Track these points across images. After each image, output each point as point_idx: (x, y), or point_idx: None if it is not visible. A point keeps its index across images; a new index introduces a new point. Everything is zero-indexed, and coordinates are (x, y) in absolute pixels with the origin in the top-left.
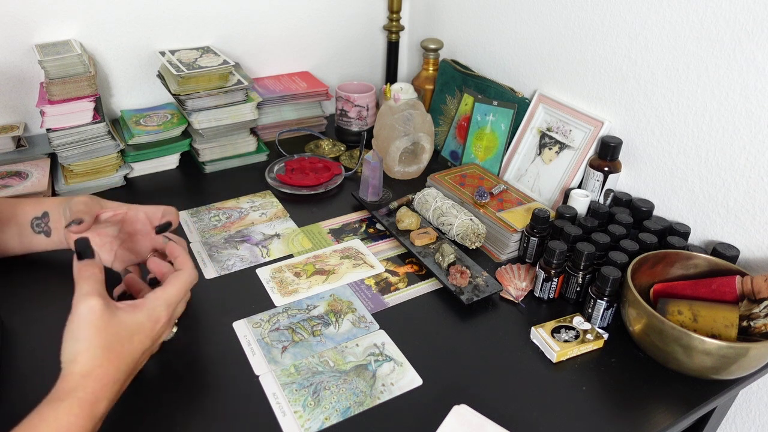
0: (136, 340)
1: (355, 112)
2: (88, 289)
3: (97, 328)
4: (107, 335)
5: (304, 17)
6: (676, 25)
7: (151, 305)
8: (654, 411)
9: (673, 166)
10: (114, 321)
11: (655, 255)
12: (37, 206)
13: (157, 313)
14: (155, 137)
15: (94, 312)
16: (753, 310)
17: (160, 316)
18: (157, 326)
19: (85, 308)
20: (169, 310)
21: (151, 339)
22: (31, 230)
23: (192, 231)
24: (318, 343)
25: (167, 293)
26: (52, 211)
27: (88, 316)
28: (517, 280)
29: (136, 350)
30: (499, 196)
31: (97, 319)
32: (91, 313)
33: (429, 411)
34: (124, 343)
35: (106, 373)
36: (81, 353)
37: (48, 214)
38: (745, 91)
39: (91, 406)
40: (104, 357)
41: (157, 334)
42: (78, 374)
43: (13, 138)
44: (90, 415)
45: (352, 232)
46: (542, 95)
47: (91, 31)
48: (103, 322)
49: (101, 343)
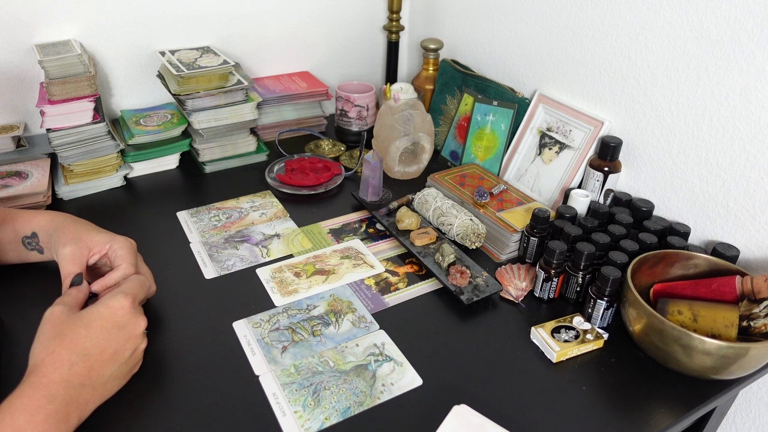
0: (95, 326)
1: (355, 112)
2: (58, 301)
3: (53, 325)
4: (61, 326)
5: (304, 17)
6: (676, 25)
7: (108, 295)
8: (654, 411)
9: (673, 166)
10: (70, 316)
11: (655, 255)
12: (26, 225)
13: (113, 301)
14: (155, 137)
15: (53, 314)
16: (753, 310)
17: (116, 302)
18: (117, 312)
19: (46, 313)
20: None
21: (111, 323)
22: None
23: (192, 231)
24: (318, 343)
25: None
26: (40, 232)
27: (46, 318)
28: (517, 280)
29: (96, 335)
30: (499, 196)
31: (55, 318)
32: (51, 315)
33: (429, 411)
34: (80, 331)
35: (58, 357)
36: (35, 348)
37: (37, 235)
38: (745, 92)
39: (46, 387)
40: (56, 344)
41: (120, 320)
42: (32, 365)
43: (13, 138)
44: (47, 396)
45: (352, 232)
46: (542, 95)
47: (91, 31)
48: (59, 319)
49: (53, 335)
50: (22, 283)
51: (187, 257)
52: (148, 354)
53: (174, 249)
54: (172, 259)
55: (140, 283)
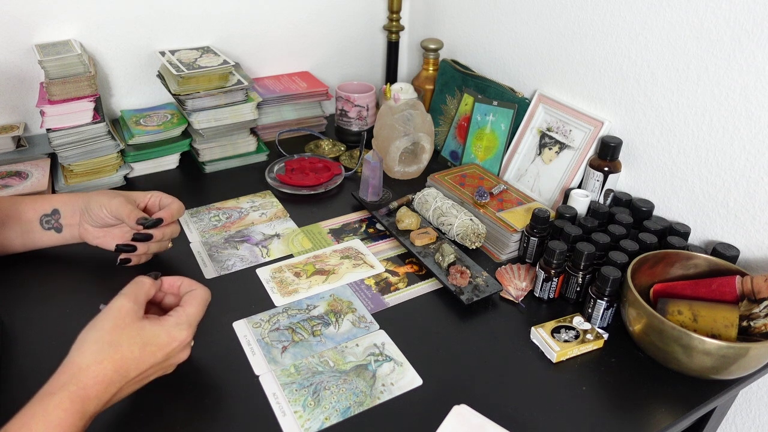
0: (148, 350)
1: (355, 112)
2: (127, 291)
3: (115, 325)
4: (121, 334)
5: (304, 17)
6: (676, 25)
7: (174, 321)
8: (654, 411)
9: (673, 166)
10: (134, 325)
11: (655, 255)
12: (46, 203)
13: (176, 331)
14: (155, 137)
15: (120, 310)
16: (753, 310)
17: (179, 334)
18: (173, 343)
19: (115, 305)
20: (190, 329)
21: (163, 354)
22: (40, 227)
23: (192, 231)
24: (318, 343)
25: (189, 311)
26: (62, 208)
27: (113, 312)
28: (517, 280)
29: (145, 360)
30: (499, 196)
31: (120, 317)
32: (118, 310)
33: (429, 411)
34: (134, 349)
35: (103, 371)
36: (89, 343)
37: (59, 211)
38: (745, 92)
39: (83, 402)
40: (107, 354)
41: (171, 351)
42: (76, 364)
43: (13, 138)
44: (80, 411)
45: (352, 232)
46: (542, 95)
47: (91, 31)
48: (124, 322)
49: (111, 339)
50: (23, 282)
51: (187, 257)
52: None
53: (174, 249)
54: (172, 259)
55: (204, 308)
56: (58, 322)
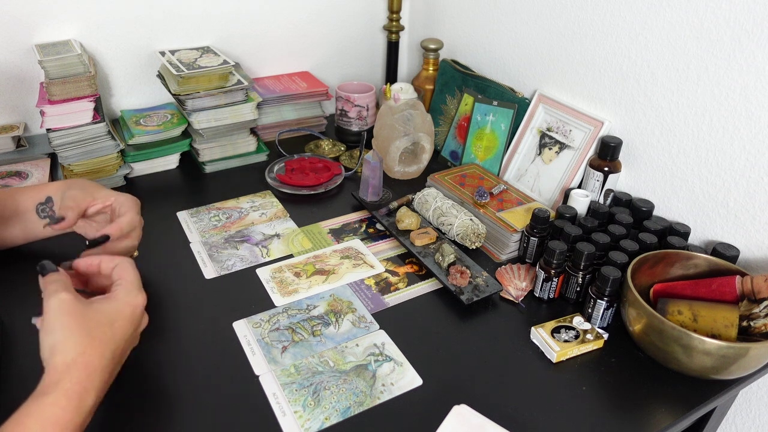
0: (117, 326)
1: (355, 112)
2: (56, 288)
3: (74, 316)
4: (86, 321)
5: (304, 17)
6: (676, 25)
7: (124, 291)
8: (654, 411)
9: (673, 166)
10: (90, 309)
11: (655, 255)
12: (40, 192)
13: (132, 298)
14: (155, 137)
15: (67, 303)
16: (753, 310)
17: (136, 300)
18: (136, 311)
19: (56, 302)
20: (141, 292)
21: (132, 324)
22: (37, 216)
23: (192, 231)
24: (318, 343)
25: (129, 279)
26: (54, 195)
27: (62, 308)
28: (517, 280)
29: (119, 337)
30: (499, 196)
31: (72, 308)
32: (64, 304)
33: (429, 411)
34: (106, 330)
35: (90, 360)
36: (60, 343)
37: (51, 199)
38: (745, 92)
39: (79, 397)
40: (86, 343)
41: (137, 320)
42: (62, 364)
43: (13, 138)
44: (78, 406)
45: (352, 232)
46: (542, 95)
47: (91, 31)
48: (79, 310)
49: (81, 330)
50: (23, 282)
51: (187, 257)
52: (148, 353)
53: (174, 249)
54: (172, 259)
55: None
56: None
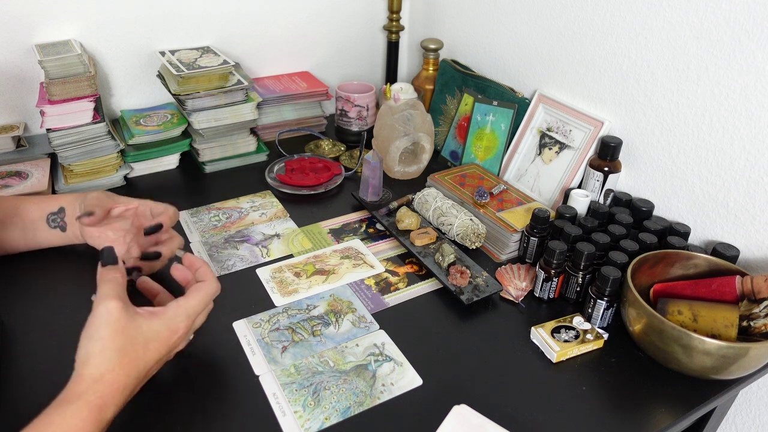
0: (152, 347)
1: (355, 112)
2: (109, 292)
3: (114, 330)
4: (123, 338)
5: (304, 17)
6: (676, 25)
7: (172, 314)
8: (654, 411)
9: (673, 166)
10: (131, 325)
11: (655, 255)
12: (53, 202)
13: (176, 323)
14: (155, 137)
15: (112, 314)
16: (753, 310)
17: (179, 326)
18: (174, 336)
19: (104, 309)
20: (188, 321)
21: (167, 348)
22: (45, 225)
23: (192, 231)
24: (318, 343)
25: (189, 304)
26: (68, 206)
27: (106, 318)
28: (517, 280)
29: (150, 358)
30: (499, 196)
31: (115, 321)
32: (109, 314)
33: (429, 411)
34: (138, 350)
35: (117, 378)
36: (95, 355)
37: (64, 210)
38: (745, 92)
39: (100, 410)
40: (117, 361)
41: (173, 344)
42: (89, 377)
43: (13, 138)
44: (98, 419)
45: (352, 232)
46: (542, 95)
47: (91, 31)
48: (120, 324)
49: (115, 346)
50: (23, 282)
51: None
52: None
53: None
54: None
55: (208, 301)
56: (59, 322)
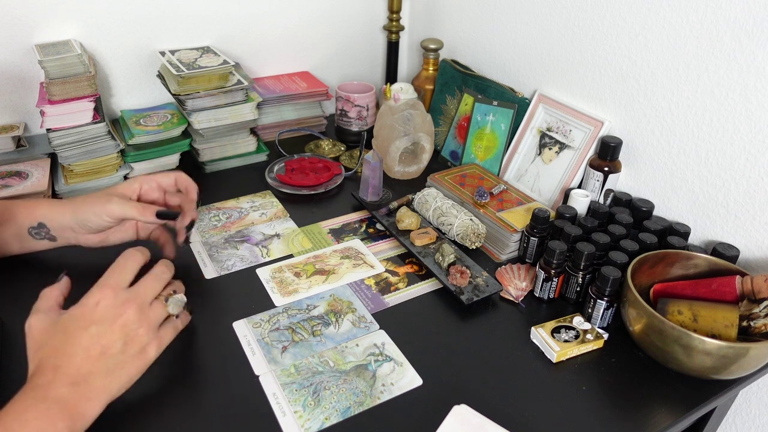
0: (72, 328)
1: (355, 112)
2: (33, 309)
3: (33, 339)
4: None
5: (304, 17)
6: (676, 25)
7: (87, 294)
8: (654, 411)
9: (673, 166)
10: (50, 327)
11: (655, 255)
12: (28, 216)
13: (87, 299)
14: (155, 137)
15: (30, 327)
16: (753, 310)
17: (91, 300)
18: (96, 309)
19: (26, 327)
20: (106, 290)
21: (93, 322)
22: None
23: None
24: (318, 343)
25: (103, 277)
26: (49, 223)
27: (27, 333)
28: (517, 280)
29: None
30: (499, 196)
31: (33, 331)
32: (29, 329)
33: (429, 411)
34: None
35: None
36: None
37: (44, 225)
38: (745, 92)
39: (32, 390)
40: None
41: (101, 316)
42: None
43: (13, 138)
44: (33, 397)
45: (352, 232)
46: (542, 95)
47: (91, 31)
48: (38, 330)
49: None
50: (23, 282)
51: (187, 257)
52: None
53: None
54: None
55: (122, 269)
56: None
